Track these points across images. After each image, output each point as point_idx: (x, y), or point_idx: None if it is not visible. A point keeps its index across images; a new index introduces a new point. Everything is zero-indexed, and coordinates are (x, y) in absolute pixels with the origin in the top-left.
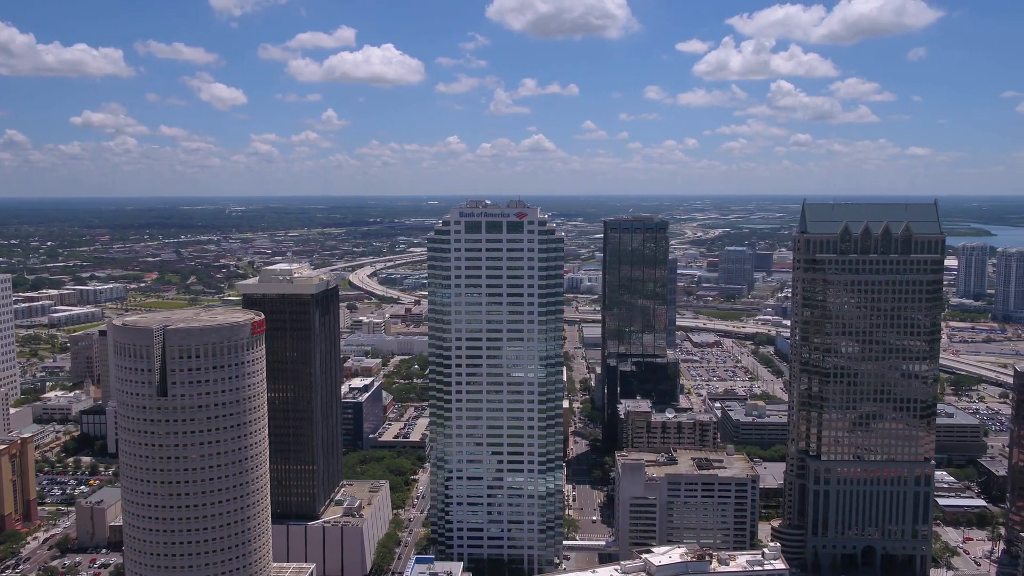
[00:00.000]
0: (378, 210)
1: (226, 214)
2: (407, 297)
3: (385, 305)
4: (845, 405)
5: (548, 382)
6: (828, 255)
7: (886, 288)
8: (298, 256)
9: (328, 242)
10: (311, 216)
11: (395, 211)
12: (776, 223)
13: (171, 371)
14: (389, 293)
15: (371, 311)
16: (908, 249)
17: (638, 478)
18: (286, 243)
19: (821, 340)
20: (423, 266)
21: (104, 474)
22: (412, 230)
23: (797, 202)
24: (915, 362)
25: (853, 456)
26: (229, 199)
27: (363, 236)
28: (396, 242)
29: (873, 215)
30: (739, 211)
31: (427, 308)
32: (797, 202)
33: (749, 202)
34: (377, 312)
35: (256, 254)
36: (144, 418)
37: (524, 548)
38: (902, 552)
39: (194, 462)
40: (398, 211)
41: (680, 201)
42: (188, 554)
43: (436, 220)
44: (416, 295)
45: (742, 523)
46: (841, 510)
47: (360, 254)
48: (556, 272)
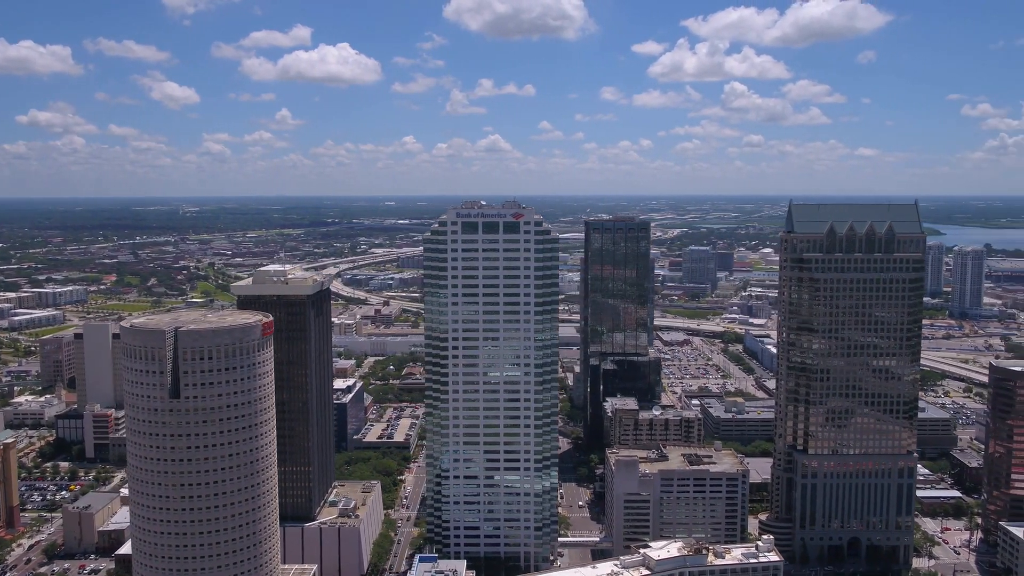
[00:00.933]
0: (335, 210)
1: (180, 215)
2: (375, 298)
3: (353, 306)
4: (831, 401)
5: (544, 381)
6: (815, 254)
7: (871, 286)
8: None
9: (288, 243)
10: (268, 217)
11: (353, 211)
12: (732, 223)
13: (183, 373)
14: (356, 294)
15: (339, 312)
16: (891, 248)
17: (632, 474)
18: (245, 244)
19: (808, 337)
20: (387, 267)
21: (84, 479)
22: (372, 231)
23: (751, 202)
24: (898, 358)
25: (839, 450)
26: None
27: (323, 237)
28: (357, 243)
29: (857, 215)
30: (695, 211)
31: (424, 308)
32: (751, 202)
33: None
34: (346, 313)
35: (215, 255)
36: (156, 420)
37: (520, 546)
38: (886, 543)
39: (206, 464)
40: (356, 211)
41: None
42: (201, 556)
43: (395, 220)
44: (384, 296)
45: (733, 517)
46: (827, 503)
47: (322, 255)
48: (552, 272)
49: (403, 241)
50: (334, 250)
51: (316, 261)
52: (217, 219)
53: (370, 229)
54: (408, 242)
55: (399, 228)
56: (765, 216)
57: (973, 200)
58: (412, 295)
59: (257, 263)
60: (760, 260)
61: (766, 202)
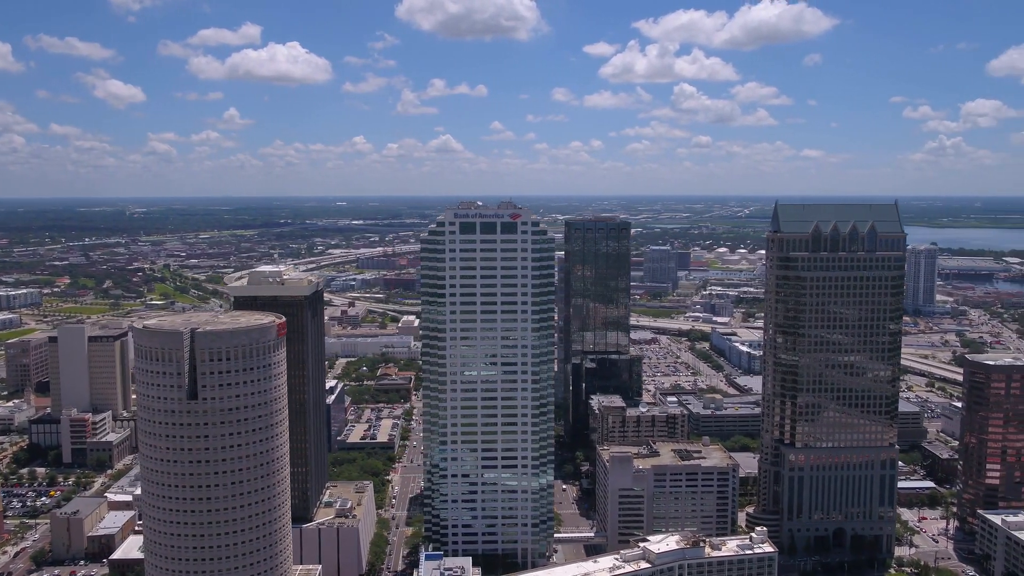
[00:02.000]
0: (287, 211)
1: (127, 216)
2: (339, 299)
3: None
4: (816, 395)
5: (540, 380)
6: (801, 253)
7: (855, 284)
8: (212, 258)
9: (242, 244)
10: (218, 218)
11: (304, 212)
12: (684, 223)
13: (201, 374)
14: None
15: None
16: (873, 247)
17: (626, 470)
18: (198, 245)
19: (794, 333)
20: (347, 268)
21: (64, 484)
22: (327, 231)
23: (700, 202)
24: (880, 353)
25: (824, 443)
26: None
27: (277, 238)
28: (313, 243)
29: (841, 215)
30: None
31: (421, 307)
32: (700, 202)
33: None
34: None
35: (169, 257)
36: (172, 422)
37: (518, 542)
38: (869, 532)
39: (224, 465)
40: (307, 212)
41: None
42: (218, 558)
43: (348, 220)
44: (347, 297)
45: (724, 510)
46: (814, 495)
47: (280, 257)
48: (548, 272)
49: (360, 242)
50: (290, 251)
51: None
52: (166, 220)
53: (324, 230)
54: (365, 243)
55: (354, 229)
56: (716, 216)
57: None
58: (376, 296)
59: (213, 264)
60: (716, 260)
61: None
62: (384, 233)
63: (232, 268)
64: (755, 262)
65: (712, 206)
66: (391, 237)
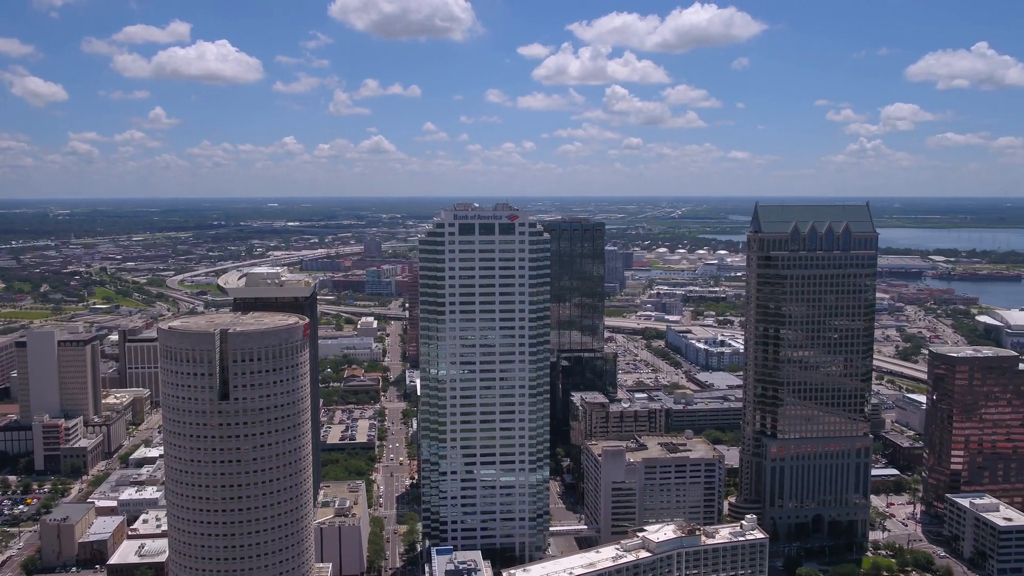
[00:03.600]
0: (218, 212)
1: (50, 217)
2: None
3: None
4: (797, 388)
5: (537, 378)
6: (781, 252)
7: (832, 281)
8: (149, 261)
9: (178, 246)
10: (148, 219)
11: (236, 213)
12: (621, 224)
13: (233, 375)
14: None
15: None
16: (848, 246)
17: (619, 463)
18: (133, 248)
19: (775, 329)
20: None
21: (39, 492)
22: (263, 233)
23: (632, 203)
24: (855, 346)
25: (804, 434)
26: (48, 201)
27: (213, 240)
28: (252, 246)
29: (817, 216)
30: (581, 212)
31: (420, 308)
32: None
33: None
34: None
35: (104, 260)
36: (203, 423)
37: (515, 536)
38: (846, 518)
39: (255, 464)
40: (239, 213)
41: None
42: (249, 556)
43: (284, 222)
44: None
45: (711, 500)
46: (794, 483)
47: (219, 258)
48: (544, 272)
49: (300, 244)
50: (229, 253)
51: (214, 265)
52: (93, 222)
53: (260, 231)
54: (305, 245)
55: (290, 230)
56: (650, 217)
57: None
58: (326, 298)
59: (152, 267)
60: (657, 260)
61: (647, 203)
62: (322, 235)
63: (172, 271)
64: (695, 262)
65: (644, 207)
66: (330, 239)
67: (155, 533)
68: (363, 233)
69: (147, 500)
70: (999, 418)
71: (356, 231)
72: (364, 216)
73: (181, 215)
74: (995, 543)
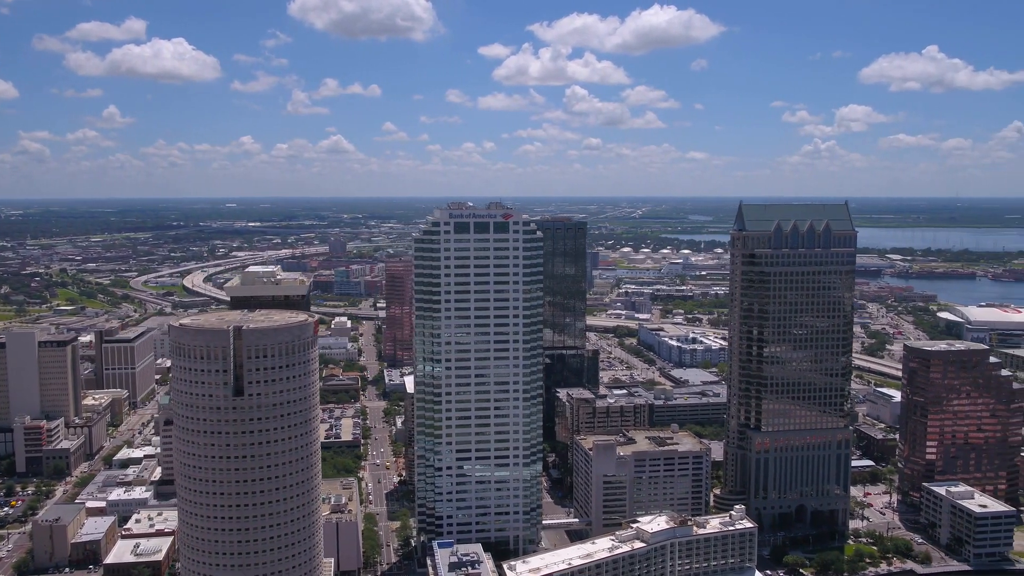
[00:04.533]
0: (176, 213)
1: (3, 218)
2: None
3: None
4: (781, 382)
5: (531, 374)
6: (764, 250)
7: (814, 278)
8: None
9: (139, 247)
10: (104, 220)
11: (194, 214)
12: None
13: (247, 371)
14: None
15: None
16: (828, 244)
17: (610, 457)
18: (92, 249)
19: (759, 324)
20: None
21: (23, 494)
22: (224, 234)
23: (592, 203)
24: (836, 340)
25: (787, 427)
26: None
27: (174, 240)
28: (214, 246)
29: (799, 214)
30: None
31: (416, 306)
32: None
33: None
34: None
35: (64, 261)
36: (218, 419)
37: (510, 531)
38: (827, 507)
39: (268, 459)
40: (198, 214)
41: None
42: (262, 551)
43: (244, 223)
44: None
45: (698, 492)
46: (778, 475)
47: (181, 259)
48: (537, 270)
49: (263, 244)
50: (192, 254)
51: (177, 266)
52: (48, 223)
53: (221, 232)
54: (269, 245)
55: (251, 231)
56: (611, 217)
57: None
58: None
59: (114, 268)
60: (622, 259)
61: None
62: (284, 235)
63: (135, 272)
64: (659, 261)
65: (605, 207)
66: (293, 239)
67: (149, 532)
68: (326, 233)
69: (137, 500)
70: (971, 410)
71: (319, 231)
72: (325, 216)
73: (138, 215)
74: (971, 529)
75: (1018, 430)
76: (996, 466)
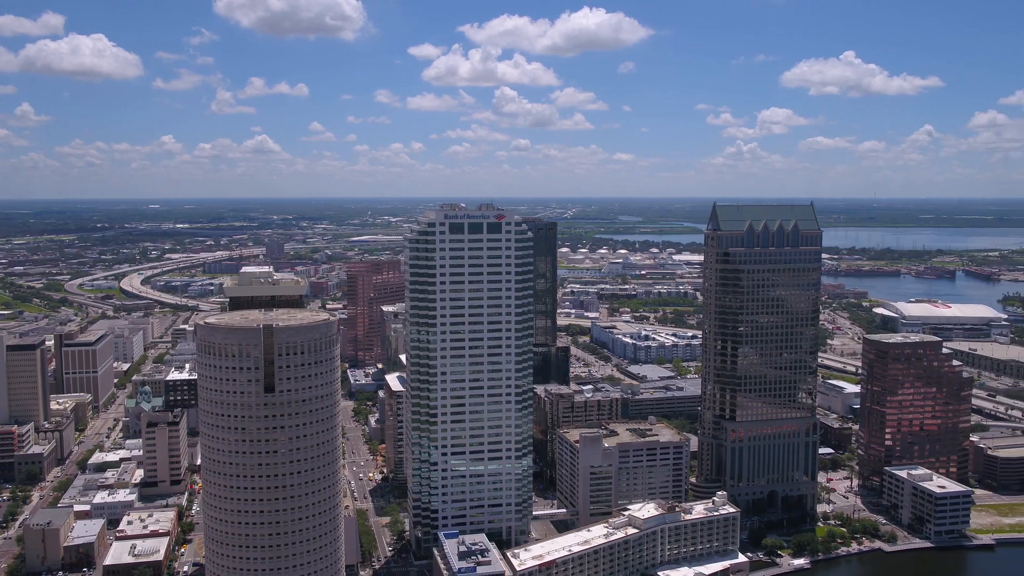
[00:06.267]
0: (98, 215)
1: None
2: (207, 304)
3: (181, 313)
4: (754, 373)
5: (522, 370)
6: (738, 249)
7: (784, 275)
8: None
9: (66, 250)
10: (22, 222)
11: (117, 216)
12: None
13: (278, 368)
14: (181, 301)
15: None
16: (797, 242)
17: (596, 449)
18: (18, 252)
19: (733, 319)
20: (194, 272)
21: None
22: (153, 235)
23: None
24: (804, 333)
25: (760, 417)
26: None
27: (101, 243)
28: (145, 248)
29: (769, 215)
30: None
31: (408, 306)
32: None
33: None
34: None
35: None
36: (249, 415)
37: (502, 522)
38: (796, 492)
39: (297, 454)
40: (120, 215)
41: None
42: (290, 544)
43: (172, 224)
44: (211, 301)
45: (678, 480)
46: (751, 462)
47: (113, 262)
48: (528, 269)
49: (197, 246)
50: (124, 256)
51: (110, 268)
52: None
53: (150, 234)
54: (203, 247)
55: (181, 233)
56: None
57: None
58: None
59: (44, 271)
60: (561, 259)
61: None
62: (216, 237)
63: (68, 275)
64: (598, 261)
65: (535, 208)
66: (226, 240)
67: (144, 534)
68: (258, 235)
69: (123, 503)
70: (925, 398)
71: (251, 233)
72: (255, 218)
73: (57, 217)
74: (932, 509)
75: (966, 417)
76: (948, 450)
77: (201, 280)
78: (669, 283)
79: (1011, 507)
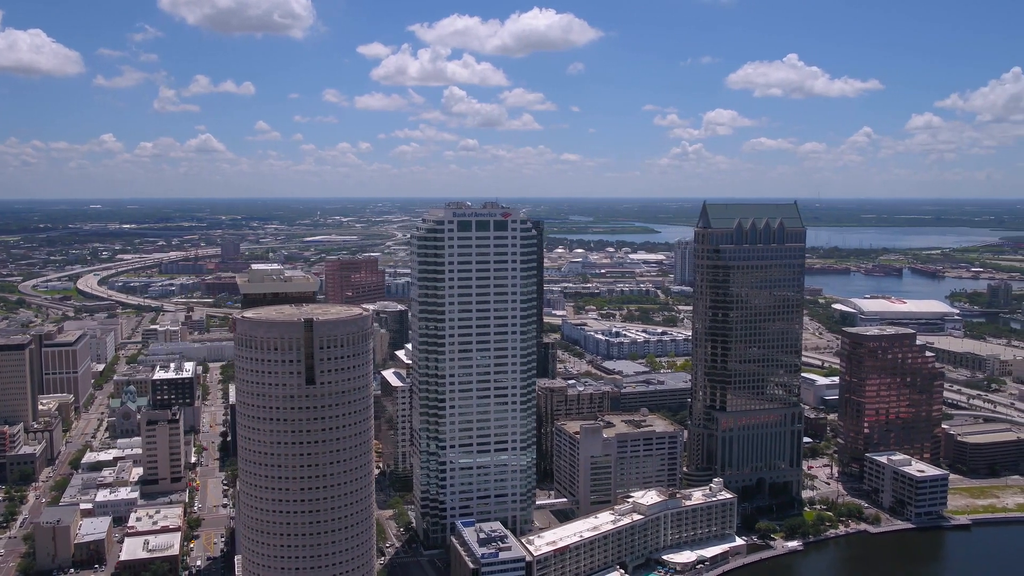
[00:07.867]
0: (38, 215)
1: None
2: (170, 305)
3: (146, 314)
4: (743, 365)
5: (527, 365)
6: (728, 246)
7: (771, 271)
8: None
9: (12, 251)
10: None
11: (59, 216)
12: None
13: (319, 360)
14: (144, 302)
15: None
16: (782, 240)
17: (596, 440)
18: None
19: (724, 313)
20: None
21: None
22: (101, 236)
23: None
24: (790, 325)
25: (748, 407)
26: None
27: (47, 244)
28: (96, 249)
29: (756, 213)
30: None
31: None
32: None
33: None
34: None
35: None
36: (291, 407)
37: (508, 512)
38: (782, 479)
39: (336, 444)
40: (62, 216)
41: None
42: (328, 531)
43: (119, 224)
44: (174, 302)
45: (673, 469)
46: (741, 451)
47: (64, 263)
48: (532, 266)
49: (149, 246)
50: (74, 257)
51: (62, 269)
52: None
53: (98, 235)
54: (155, 247)
55: (129, 233)
56: None
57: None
58: (204, 301)
59: None
60: None
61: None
62: (165, 237)
63: (19, 276)
64: (556, 260)
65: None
66: (177, 241)
67: (155, 530)
68: (208, 235)
69: (125, 501)
70: (901, 388)
71: (201, 233)
72: (203, 218)
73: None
74: (912, 492)
75: (938, 406)
76: (922, 438)
77: (160, 281)
78: (630, 281)
79: (981, 489)
